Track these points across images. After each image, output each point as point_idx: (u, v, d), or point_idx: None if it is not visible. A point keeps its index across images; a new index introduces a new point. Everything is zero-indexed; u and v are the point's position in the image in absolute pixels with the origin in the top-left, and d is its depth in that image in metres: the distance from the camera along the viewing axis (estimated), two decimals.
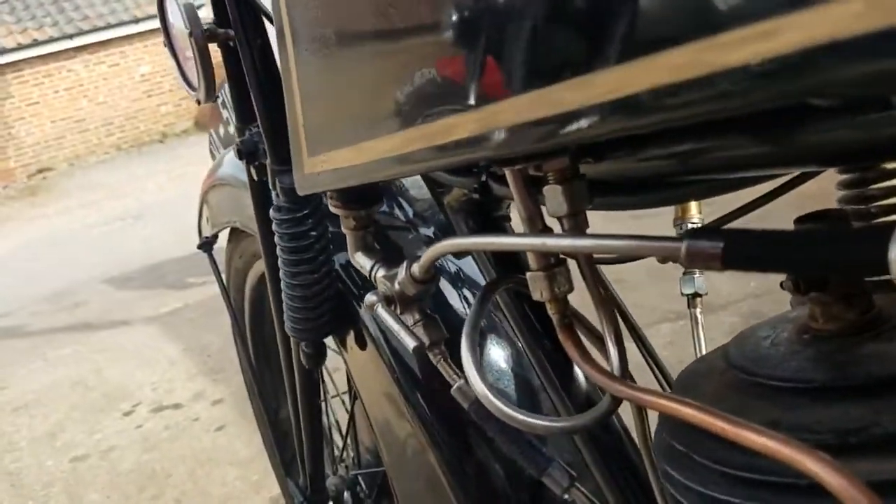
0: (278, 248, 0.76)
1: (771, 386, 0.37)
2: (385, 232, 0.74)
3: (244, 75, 0.79)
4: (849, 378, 0.34)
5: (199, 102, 0.78)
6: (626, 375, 0.39)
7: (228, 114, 1.16)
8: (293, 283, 0.77)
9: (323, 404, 1.07)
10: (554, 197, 0.39)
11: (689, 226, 0.63)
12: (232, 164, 1.07)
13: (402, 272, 0.48)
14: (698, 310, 0.63)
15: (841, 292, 0.37)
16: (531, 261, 0.40)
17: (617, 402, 0.40)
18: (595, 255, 0.41)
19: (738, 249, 0.31)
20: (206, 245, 1.16)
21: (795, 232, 0.33)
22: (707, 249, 0.31)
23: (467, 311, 0.77)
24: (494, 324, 0.72)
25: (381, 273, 0.52)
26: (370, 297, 0.51)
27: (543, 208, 0.42)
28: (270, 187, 0.77)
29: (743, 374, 0.38)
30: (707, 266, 0.32)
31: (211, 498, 2.03)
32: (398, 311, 0.50)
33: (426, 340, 0.48)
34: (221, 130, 1.17)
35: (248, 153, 0.79)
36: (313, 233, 0.74)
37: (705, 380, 0.40)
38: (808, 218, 0.38)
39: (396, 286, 0.49)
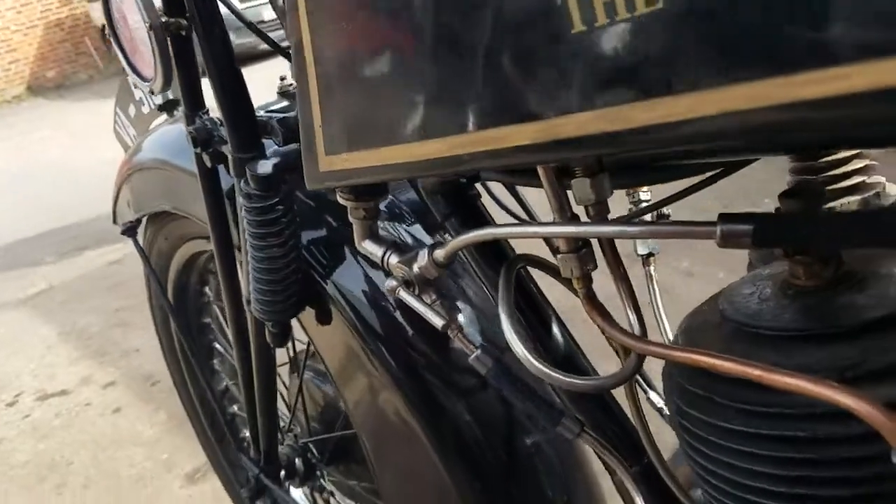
0: (247, 234, 0.78)
1: (769, 335, 0.44)
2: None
3: (194, 64, 0.79)
4: (835, 324, 0.43)
5: (152, 92, 0.78)
6: (646, 336, 0.46)
7: (143, 94, 1.13)
8: (263, 268, 0.79)
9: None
10: (582, 188, 0.45)
11: (640, 198, 0.70)
12: (158, 148, 1.06)
13: (423, 257, 0.53)
14: (652, 268, 0.71)
15: (820, 254, 0.45)
16: (562, 244, 0.46)
17: (641, 360, 0.46)
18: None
19: (766, 230, 0.38)
20: (131, 230, 1.14)
21: (813, 214, 0.41)
22: (740, 231, 0.38)
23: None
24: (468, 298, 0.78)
25: (394, 259, 0.56)
26: (390, 283, 0.55)
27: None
28: (232, 174, 0.79)
29: (742, 326, 0.46)
30: (738, 245, 0.39)
31: (120, 480, 2.00)
32: (417, 293, 0.55)
33: (447, 318, 0.53)
34: (132, 110, 1.14)
35: (202, 141, 0.80)
36: (284, 219, 0.77)
37: (707, 334, 0.48)
38: (790, 193, 0.46)
39: (416, 270, 0.54)
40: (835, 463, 0.40)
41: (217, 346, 1.38)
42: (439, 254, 0.52)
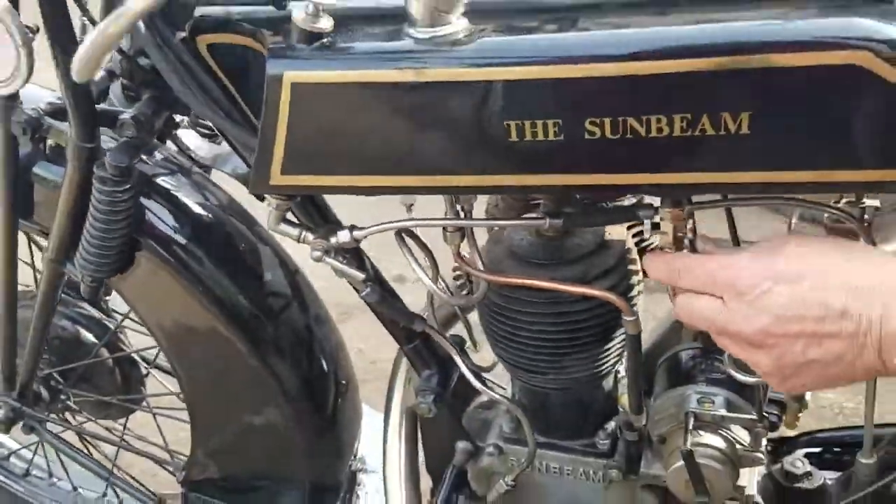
0: (93, 209, 0.92)
1: (544, 263, 0.88)
2: None
3: None
4: (571, 255, 0.88)
5: None
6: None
7: None
8: (104, 236, 0.94)
9: None
10: (467, 198, 0.80)
11: None
12: None
13: (345, 235, 0.82)
14: None
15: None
16: (451, 227, 0.82)
17: (489, 284, 0.86)
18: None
19: (574, 220, 0.80)
20: None
21: (594, 208, 0.84)
22: (557, 223, 0.79)
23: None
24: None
25: (310, 237, 0.83)
26: (315, 253, 0.82)
27: None
28: (69, 159, 0.91)
29: (528, 258, 0.88)
30: (556, 229, 0.81)
31: None
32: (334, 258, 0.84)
33: (365, 273, 0.85)
34: None
35: (33, 129, 0.90)
36: (132, 199, 0.93)
37: (507, 263, 0.89)
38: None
39: (333, 242, 0.83)
40: (581, 320, 0.86)
41: None
42: (359, 234, 0.82)
